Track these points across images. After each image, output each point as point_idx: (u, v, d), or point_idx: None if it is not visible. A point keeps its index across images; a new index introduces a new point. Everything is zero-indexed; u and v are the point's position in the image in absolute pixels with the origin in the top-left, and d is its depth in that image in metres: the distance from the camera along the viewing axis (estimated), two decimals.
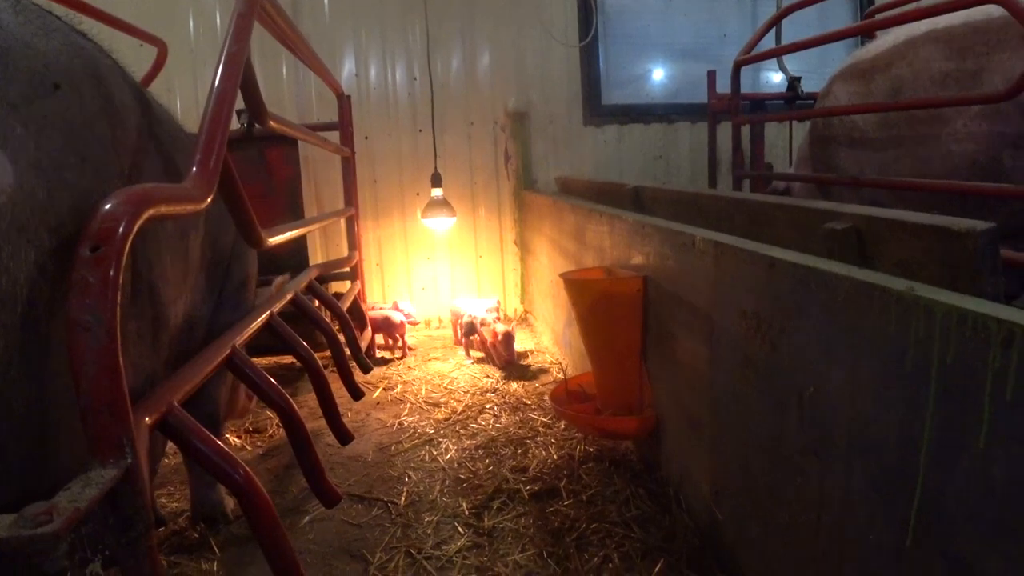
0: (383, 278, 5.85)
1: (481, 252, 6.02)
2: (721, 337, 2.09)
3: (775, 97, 5.54)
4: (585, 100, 6.05)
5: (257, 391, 2.04)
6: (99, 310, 1.00)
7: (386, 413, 3.91)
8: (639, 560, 2.30)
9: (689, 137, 6.30)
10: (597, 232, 3.45)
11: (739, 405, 2.02)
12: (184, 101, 5.33)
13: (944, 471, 1.25)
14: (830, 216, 1.97)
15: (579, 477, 2.88)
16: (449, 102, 5.77)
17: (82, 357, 0.99)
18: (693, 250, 2.24)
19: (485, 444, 3.36)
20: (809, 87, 5.22)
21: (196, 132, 1.72)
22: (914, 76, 3.39)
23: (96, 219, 1.07)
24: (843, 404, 1.52)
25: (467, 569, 2.37)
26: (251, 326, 2.22)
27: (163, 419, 1.44)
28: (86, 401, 1.00)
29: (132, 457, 1.02)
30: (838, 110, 3.80)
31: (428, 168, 5.60)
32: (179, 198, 1.33)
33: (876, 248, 1.79)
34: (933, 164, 3.28)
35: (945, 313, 1.21)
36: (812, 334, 1.61)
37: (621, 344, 2.81)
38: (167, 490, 3.03)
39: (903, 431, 1.34)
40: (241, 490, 1.52)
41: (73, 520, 0.87)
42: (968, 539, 1.21)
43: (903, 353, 1.32)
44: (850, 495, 1.52)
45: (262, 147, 4.61)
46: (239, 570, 2.45)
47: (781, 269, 1.73)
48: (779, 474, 1.81)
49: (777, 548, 1.85)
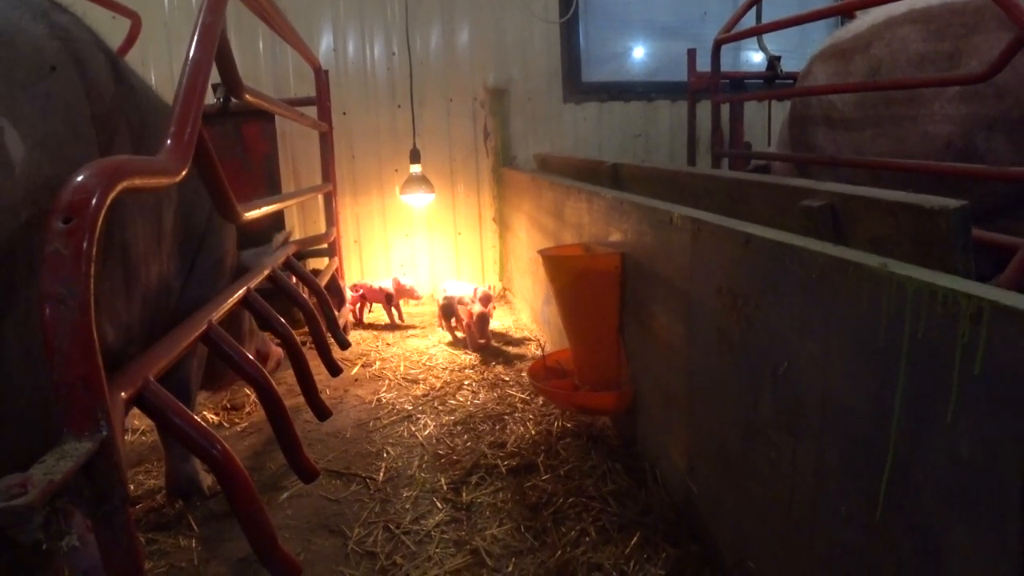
0: (361, 255, 5.82)
1: (460, 229, 6.01)
2: (697, 313, 2.11)
3: (755, 76, 5.55)
4: (565, 77, 6.03)
5: (234, 367, 2.03)
6: (72, 283, 0.99)
7: (364, 390, 3.91)
8: (616, 533, 2.33)
9: (669, 115, 6.31)
10: (576, 209, 3.45)
11: (714, 381, 2.04)
12: (159, 75, 5.25)
13: (913, 445, 1.27)
14: (806, 194, 1.98)
15: (557, 452, 2.90)
16: (428, 78, 5.72)
17: (55, 330, 0.98)
18: (671, 227, 2.25)
19: (463, 420, 3.38)
20: (789, 67, 5.24)
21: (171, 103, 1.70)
22: (892, 57, 3.41)
23: (68, 191, 1.06)
24: (816, 379, 1.54)
25: (445, 543, 2.39)
26: (228, 302, 2.20)
27: (139, 394, 1.43)
28: (60, 374, 0.99)
29: (107, 430, 1.02)
30: (816, 89, 3.81)
31: (407, 144, 5.57)
32: (153, 171, 1.32)
33: (851, 226, 1.81)
34: (910, 144, 3.30)
35: (917, 289, 1.23)
36: (786, 310, 1.63)
37: (599, 320, 2.82)
38: (144, 467, 3.01)
39: (874, 406, 1.36)
40: (219, 465, 1.52)
41: (48, 492, 0.86)
42: (935, 511, 1.24)
43: (875, 328, 1.33)
44: (822, 469, 1.55)
45: (238, 122, 4.55)
46: (217, 546, 2.45)
47: (757, 245, 1.74)
48: (753, 449, 1.83)
49: (751, 521, 1.88)
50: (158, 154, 1.47)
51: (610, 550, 2.24)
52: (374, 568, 2.28)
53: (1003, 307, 1.06)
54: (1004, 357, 1.06)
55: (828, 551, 1.55)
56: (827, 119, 3.84)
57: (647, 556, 2.19)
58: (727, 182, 2.46)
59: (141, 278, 1.87)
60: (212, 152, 1.85)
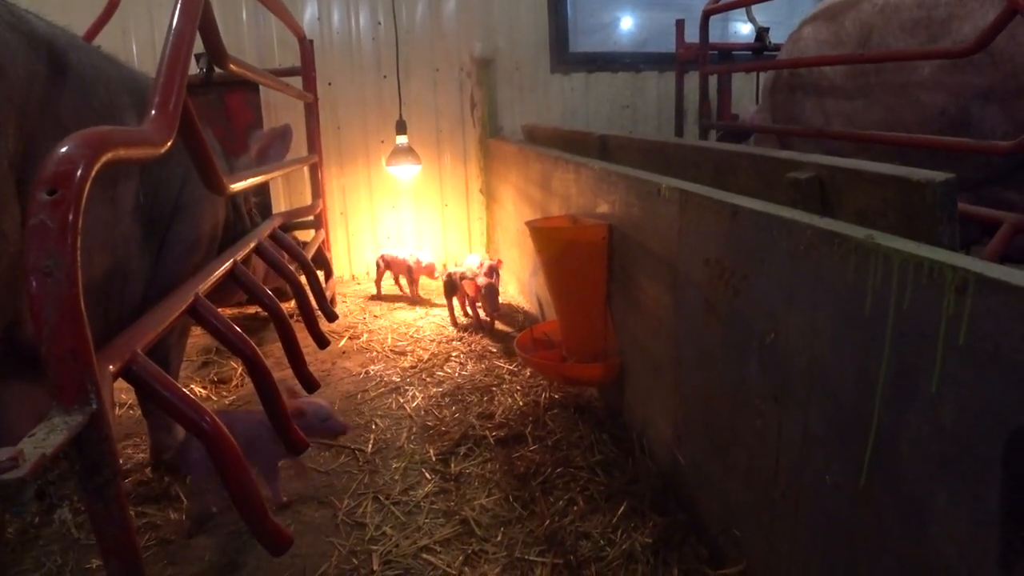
0: (348, 227, 5.80)
1: (447, 200, 5.98)
2: (685, 284, 2.12)
3: (743, 48, 5.54)
4: (552, 47, 5.98)
5: (221, 339, 2.03)
6: (59, 254, 0.98)
7: (352, 362, 3.92)
8: (603, 503, 2.35)
9: (656, 86, 6.28)
10: (563, 180, 3.44)
11: (701, 351, 2.05)
12: (140, 46, 5.17)
13: (897, 414, 1.29)
14: (794, 166, 1.99)
15: (544, 423, 2.92)
16: (414, 48, 5.66)
17: (43, 303, 0.98)
18: (658, 198, 2.25)
19: (451, 392, 3.39)
20: (777, 38, 5.22)
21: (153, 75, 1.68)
22: (884, 23, 3.37)
23: (52, 162, 1.04)
24: (803, 349, 1.55)
25: (434, 513, 2.41)
26: (214, 274, 2.19)
27: (127, 367, 1.43)
28: (49, 347, 0.99)
29: (97, 403, 1.02)
30: (804, 61, 3.80)
31: (393, 115, 5.52)
32: (138, 142, 1.30)
33: (838, 197, 1.81)
34: (902, 113, 3.29)
35: (903, 260, 1.24)
36: (773, 281, 1.64)
37: (586, 292, 2.83)
38: (132, 441, 3.01)
39: (859, 376, 1.38)
40: (208, 437, 1.53)
41: (39, 466, 0.86)
42: (918, 479, 1.26)
43: (861, 299, 1.35)
44: (807, 438, 1.57)
45: (222, 92, 4.51)
46: (207, 518, 2.45)
47: (744, 217, 1.75)
48: (739, 418, 1.85)
49: (737, 490, 1.91)
50: (142, 124, 1.45)
51: (598, 519, 2.27)
52: (364, 538, 2.30)
53: (988, 279, 1.07)
54: (988, 328, 1.08)
55: (813, 519, 1.57)
56: (816, 87, 3.82)
57: (634, 525, 2.22)
58: (715, 153, 2.46)
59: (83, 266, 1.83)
60: (197, 122, 1.83)
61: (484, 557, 2.16)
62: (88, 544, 2.31)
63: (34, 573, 2.19)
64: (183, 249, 2.48)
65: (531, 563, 2.11)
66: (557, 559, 2.10)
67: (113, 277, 2.03)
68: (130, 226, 2.14)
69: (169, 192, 2.41)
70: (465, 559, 2.15)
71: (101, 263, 1.92)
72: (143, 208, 2.23)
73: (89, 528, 2.37)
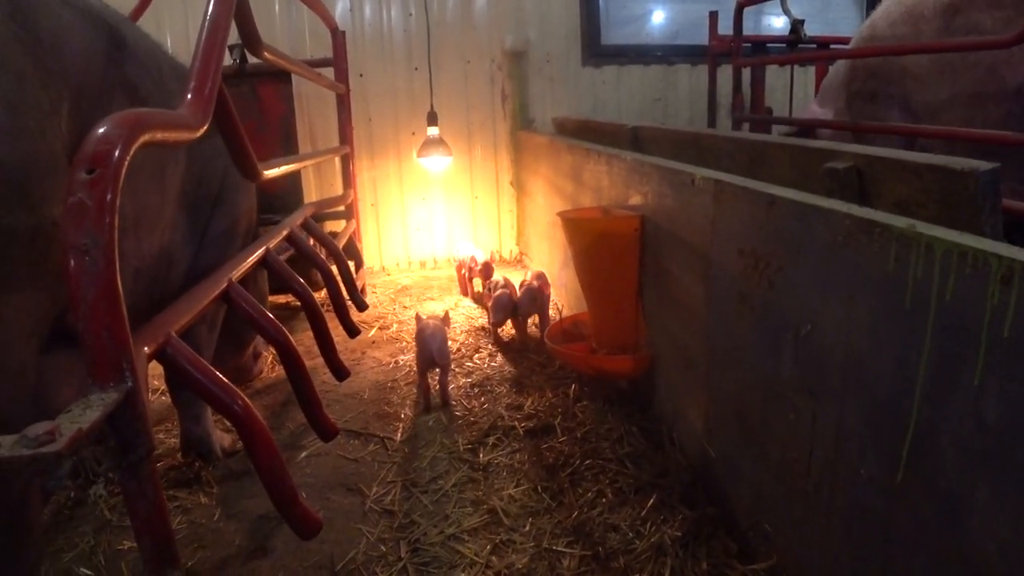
0: (378, 218, 5.81)
1: (477, 193, 5.98)
2: (718, 275, 2.10)
3: (777, 40, 5.45)
4: (584, 39, 5.95)
5: (254, 325, 2.04)
6: (96, 233, 0.98)
7: (382, 352, 3.93)
8: (632, 495, 2.34)
9: (688, 79, 6.22)
10: (594, 172, 3.42)
11: (734, 343, 2.03)
12: (175, 37, 5.21)
13: (937, 408, 1.26)
14: (831, 155, 1.96)
15: (573, 415, 2.91)
16: (445, 39, 5.66)
17: (80, 281, 0.99)
18: (692, 188, 2.23)
19: (481, 382, 3.39)
20: (812, 31, 5.14)
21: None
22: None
23: (91, 142, 1.05)
24: (839, 341, 1.52)
25: (463, 502, 2.41)
26: (247, 261, 2.21)
27: (161, 349, 1.44)
28: (86, 325, 1.00)
29: (132, 381, 1.03)
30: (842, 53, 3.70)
31: (423, 107, 5.52)
32: (175, 125, 1.31)
33: (876, 188, 1.78)
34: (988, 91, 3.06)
35: (946, 250, 1.21)
36: (810, 272, 1.62)
37: (617, 283, 2.81)
38: (164, 426, 3.05)
39: (898, 368, 1.35)
40: (240, 421, 1.53)
41: (75, 440, 0.87)
42: (958, 474, 1.23)
43: (902, 291, 1.32)
44: (842, 432, 1.54)
45: (254, 83, 4.52)
46: (236, 503, 2.48)
47: (781, 207, 1.72)
48: (772, 411, 1.83)
49: (768, 483, 1.88)
50: (179, 108, 1.46)
51: (626, 511, 2.26)
52: (392, 526, 2.30)
53: None
54: None
55: (847, 513, 1.55)
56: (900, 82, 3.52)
57: (663, 518, 2.20)
58: (749, 144, 2.43)
59: (133, 250, 1.83)
60: (232, 107, 1.84)
61: (512, 547, 2.16)
62: (120, 526, 2.34)
63: (67, 553, 2.23)
64: (223, 239, 2.51)
65: (559, 554, 2.10)
66: (585, 550, 2.09)
67: (160, 262, 2.05)
68: (176, 212, 2.16)
69: (213, 182, 2.44)
70: (493, 548, 2.15)
71: (150, 247, 1.94)
72: (189, 196, 2.25)
73: (121, 510, 2.41)
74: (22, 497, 1.38)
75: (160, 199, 1.99)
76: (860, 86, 3.77)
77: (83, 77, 1.55)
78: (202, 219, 2.42)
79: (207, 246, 2.44)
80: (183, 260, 2.29)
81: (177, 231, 2.20)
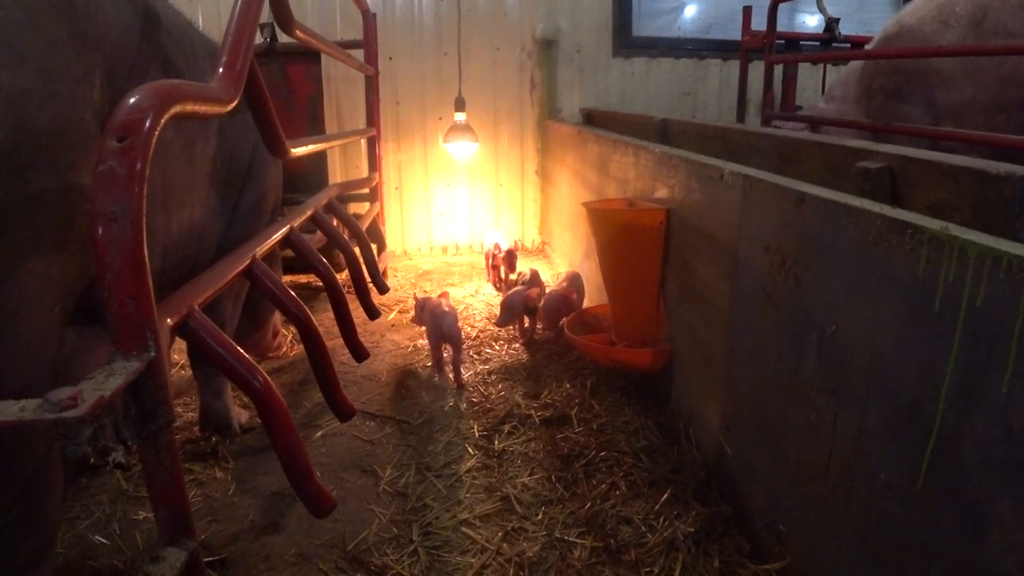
0: (402, 202, 5.82)
1: (502, 180, 5.97)
2: (743, 272, 2.08)
3: (811, 38, 5.39)
4: (615, 30, 5.90)
5: (276, 302, 2.05)
6: (124, 201, 0.99)
7: (401, 335, 3.94)
8: (646, 488, 2.33)
9: (719, 74, 6.17)
10: (621, 163, 3.40)
11: (756, 341, 2.01)
12: (206, 15, 5.23)
13: (962, 414, 1.24)
14: (863, 155, 1.93)
15: (590, 406, 2.90)
16: (475, 26, 5.63)
17: (106, 248, 0.99)
18: (720, 183, 2.21)
19: (498, 370, 3.39)
20: (846, 30, 5.07)
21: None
22: (1000, 2, 3.14)
23: (122, 110, 1.05)
24: (864, 343, 1.50)
25: (476, 488, 2.41)
26: (271, 238, 2.21)
27: (184, 321, 1.44)
28: (111, 293, 1.00)
29: (155, 351, 1.03)
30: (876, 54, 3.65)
31: (451, 92, 5.51)
32: (206, 98, 1.31)
33: (909, 190, 1.76)
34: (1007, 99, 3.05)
35: (979, 254, 1.19)
36: (838, 272, 1.59)
37: (640, 276, 2.80)
38: (183, 400, 3.07)
39: (924, 373, 1.33)
40: (259, 396, 1.54)
41: (97, 406, 0.87)
42: (981, 482, 1.21)
43: (931, 293, 1.30)
44: (863, 435, 1.52)
45: (283, 63, 4.54)
46: (251, 478, 2.50)
47: (811, 204, 1.70)
48: (792, 411, 1.81)
49: (784, 484, 1.87)
50: (210, 82, 1.46)
51: (640, 505, 2.25)
52: (405, 508, 2.31)
53: None
54: None
55: (864, 518, 1.53)
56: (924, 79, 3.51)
57: (676, 513, 2.19)
58: (779, 141, 2.41)
59: (162, 228, 1.84)
60: (263, 83, 1.84)
61: (523, 535, 2.16)
62: (136, 496, 2.37)
63: (83, 520, 2.25)
64: (251, 214, 2.52)
65: (570, 544, 2.10)
66: (597, 542, 2.09)
67: (190, 240, 2.06)
68: (207, 190, 2.17)
69: (243, 156, 2.44)
70: (504, 535, 2.15)
71: (179, 225, 1.95)
72: (219, 172, 2.25)
73: (137, 481, 2.44)
74: (44, 462, 1.39)
75: (190, 176, 1.99)
76: (884, 82, 3.74)
77: (118, 48, 1.56)
78: (233, 195, 2.43)
79: (236, 221, 2.45)
80: (213, 237, 2.30)
81: (207, 208, 2.20)
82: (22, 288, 1.26)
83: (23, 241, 1.24)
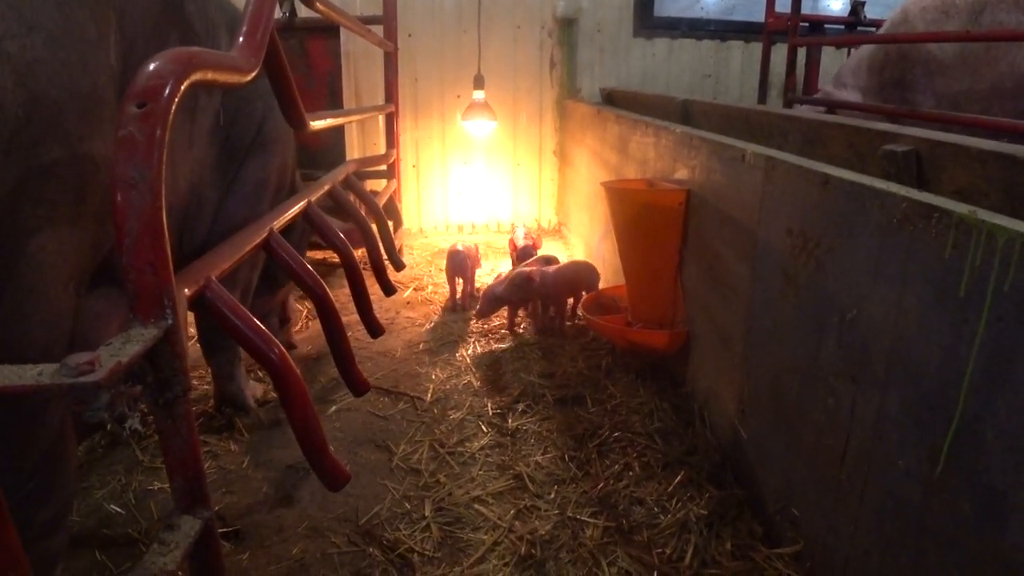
0: (418, 179, 5.80)
1: (520, 159, 5.93)
2: (763, 254, 2.05)
3: (836, 21, 5.32)
4: (637, 10, 5.83)
5: (293, 276, 2.05)
6: (144, 167, 0.98)
7: (416, 312, 3.94)
8: (660, 470, 2.32)
9: (741, 57, 6.09)
10: (641, 144, 3.37)
11: (775, 324, 1.99)
12: None
13: (985, 400, 1.22)
14: (889, 138, 1.90)
15: (605, 387, 2.89)
16: (496, 3, 5.57)
17: (126, 214, 0.98)
18: (742, 164, 2.18)
19: (513, 349, 3.38)
20: (872, 14, 4.99)
21: None
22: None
23: (143, 76, 1.05)
24: (886, 327, 1.48)
25: (489, 466, 2.41)
26: (289, 212, 2.21)
27: (201, 292, 1.44)
28: (129, 258, 1.00)
29: (172, 319, 1.03)
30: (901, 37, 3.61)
31: (470, 70, 5.46)
32: (226, 67, 1.30)
33: (936, 174, 1.73)
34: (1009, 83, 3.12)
35: (1008, 239, 1.17)
36: (861, 255, 1.57)
37: (658, 257, 2.78)
38: (198, 373, 3.08)
39: (947, 358, 1.31)
40: (276, 369, 1.54)
41: (115, 372, 0.87)
42: (1001, 470, 1.20)
43: (957, 278, 1.28)
44: (883, 420, 1.51)
45: (303, 38, 4.52)
46: (266, 451, 2.51)
47: (835, 187, 1.67)
48: (810, 395, 1.79)
49: (800, 468, 1.86)
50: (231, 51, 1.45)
51: (653, 486, 2.25)
52: (418, 484, 2.31)
53: None
54: None
55: (880, 503, 1.52)
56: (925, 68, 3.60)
57: (689, 495, 2.18)
58: (804, 123, 2.37)
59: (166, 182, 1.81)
60: (282, 54, 1.83)
61: (536, 513, 2.16)
62: (151, 467, 2.38)
63: (99, 490, 2.27)
64: (251, 190, 2.40)
65: (582, 523, 2.10)
66: (609, 522, 2.09)
67: (190, 199, 2.04)
68: (206, 150, 2.11)
69: (248, 123, 2.38)
70: (516, 513, 2.15)
71: (179, 185, 1.93)
72: (220, 134, 2.21)
73: (153, 451, 2.45)
74: (60, 434, 1.40)
75: (189, 130, 1.96)
76: (892, 71, 3.86)
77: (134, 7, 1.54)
78: (233, 165, 2.35)
79: (234, 193, 2.35)
80: (211, 202, 2.24)
81: (206, 170, 2.15)
82: (36, 264, 1.25)
83: (36, 217, 1.23)
